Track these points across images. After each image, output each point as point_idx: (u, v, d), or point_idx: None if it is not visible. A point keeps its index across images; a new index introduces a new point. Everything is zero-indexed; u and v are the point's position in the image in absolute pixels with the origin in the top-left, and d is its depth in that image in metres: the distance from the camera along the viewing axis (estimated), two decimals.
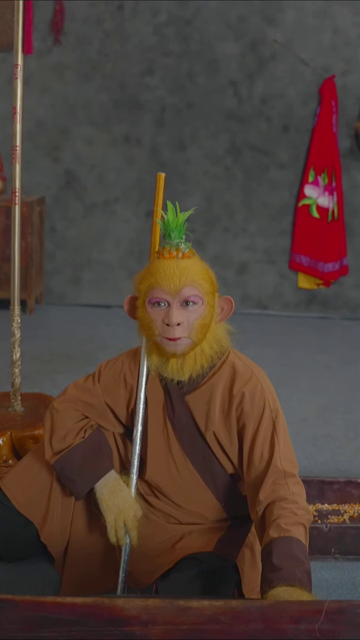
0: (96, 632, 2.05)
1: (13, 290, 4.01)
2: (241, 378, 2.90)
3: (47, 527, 3.12)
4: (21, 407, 4.05)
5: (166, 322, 2.75)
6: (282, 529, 2.63)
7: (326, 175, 7.55)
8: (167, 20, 7.47)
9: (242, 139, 7.68)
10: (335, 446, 4.76)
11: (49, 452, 3.03)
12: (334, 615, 2.10)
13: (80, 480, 2.97)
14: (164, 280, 2.74)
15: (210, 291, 2.81)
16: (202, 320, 2.79)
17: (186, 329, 2.76)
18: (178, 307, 2.75)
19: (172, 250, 2.78)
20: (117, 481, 2.97)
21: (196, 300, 2.76)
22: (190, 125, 7.67)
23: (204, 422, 2.93)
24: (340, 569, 3.48)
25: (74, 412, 3.05)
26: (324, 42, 7.49)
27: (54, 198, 7.82)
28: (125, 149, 7.73)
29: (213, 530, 3.04)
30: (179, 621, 2.08)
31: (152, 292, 2.77)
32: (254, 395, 2.88)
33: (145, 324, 2.82)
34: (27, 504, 3.14)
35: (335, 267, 7.75)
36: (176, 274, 2.74)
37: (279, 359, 6.37)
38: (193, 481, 3.01)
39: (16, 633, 2.06)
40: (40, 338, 6.59)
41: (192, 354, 2.83)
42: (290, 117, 7.63)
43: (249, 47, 7.51)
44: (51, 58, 7.57)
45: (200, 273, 2.79)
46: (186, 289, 2.74)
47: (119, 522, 2.88)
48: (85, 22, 7.49)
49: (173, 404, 2.96)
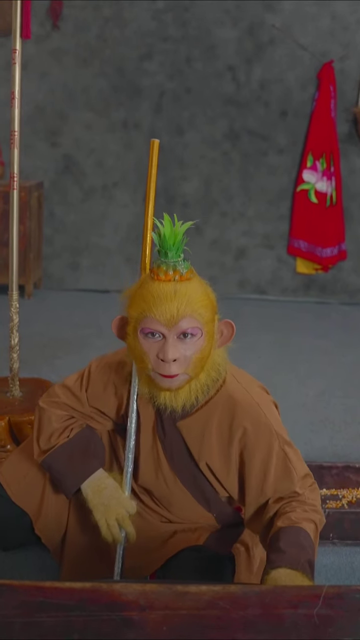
0: (94, 616, 2.05)
1: (11, 275, 4.00)
2: (241, 409, 2.67)
3: (42, 519, 3.06)
4: (19, 392, 4.05)
5: (161, 358, 2.47)
6: (291, 520, 2.56)
7: (324, 160, 7.54)
8: (165, 5, 7.44)
9: (240, 124, 7.66)
10: (334, 431, 4.75)
11: (36, 450, 2.94)
12: (332, 600, 2.10)
13: (67, 480, 2.88)
14: (159, 310, 2.44)
15: (210, 319, 2.53)
16: (200, 355, 2.52)
17: (183, 365, 2.50)
18: (174, 341, 2.47)
19: (169, 271, 2.47)
20: (102, 480, 2.83)
21: (195, 332, 2.48)
22: (188, 110, 7.64)
23: (197, 451, 2.76)
24: (339, 554, 3.48)
25: (59, 412, 2.92)
26: (322, 27, 7.45)
27: (52, 183, 7.81)
28: (124, 134, 7.71)
29: (205, 528, 2.97)
30: (177, 606, 2.08)
31: (144, 321, 2.48)
32: (257, 428, 2.67)
33: (136, 355, 2.56)
34: (21, 495, 3.08)
35: (334, 252, 7.75)
36: (173, 303, 2.43)
37: (278, 344, 6.36)
38: (183, 497, 2.91)
39: (15, 618, 2.06)
40: (39, 323, 6.58)
41: (187, 387, 2.57)
42: (288, 102, 7.61)
43: (247, 32, 7.48)
44: (50, 43, 7.54)
45: (200, 300, 2.49)
46: (184, 320, 2.45)
47: (110, 520, 2.74)
48: (83, 7, 7.46)
49: (164, 427, 2.79)
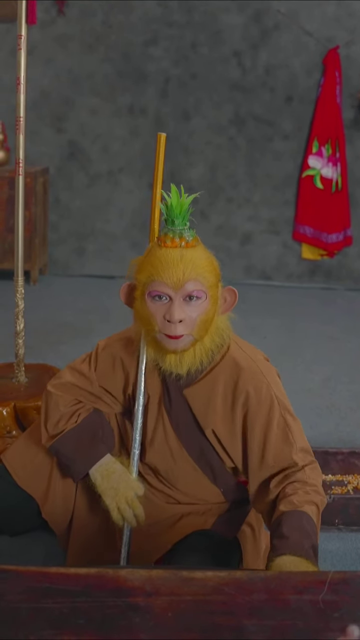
0: (100, 602, 2.05)
1: (17, 260, 4.00)
2: (244, 374, 2.77)
3: (49, 504, 3.09)
4: (25, 378, 4.05)
5: (167, 319, 2.59)
6: (293, 504, 2.59)
7: (330, 146, 7.52)
8: None
9: (246, 110, 7.65)
10: (339, 417, 4.76)
11: (44, 435, 2.97)
12: (338, 586, 2.09)
13: (75, 465, 2.91)
14: (166, 273, 2.57)
15: (214, 283, 2.65)
16: (205, 316, 2.63)
17: (188, 326, 2.61)
18: (180, 303, 2.59)
19: (175, 238, 2.59)
20: (111, 464, 2.88)
21: (200, 294, 2.60)
22: (194, 96, 7.63)
23: (203, 418, 2.82)
24: (344, 539, 3.48)
25: (67, 397, 2.97)
26: (328, 12, 7.43)
27: (57, 168, 7.80)
28: (130, 120, 7.70)
29: (212, 511, 3.00)
30: (182, 592, 2.08)
31: (152, 284, 2.60)
32: (260, 393, 2.75)
33: (143, 318, 2.67)
34: (28, 479, 3.10)
35: (339, 238, 7.74)
36: (179, 266, 2.56)
37: (283, 330, 6.36)
38: (190, 470, 2.95)
39: (20, 603, 2.06)
40: (44, 309, 6.59)
41: (191, 350, 2.68)
42: (294, 87, 7.60)
43: (252, 17, 7.45)
44: (55, 29, 7.52)
45: (205, 265, 2.61)
46: (190, 283, 2.57)
47: (121, 504, 2.79)
48: None
49: (170, 396, 2.86)
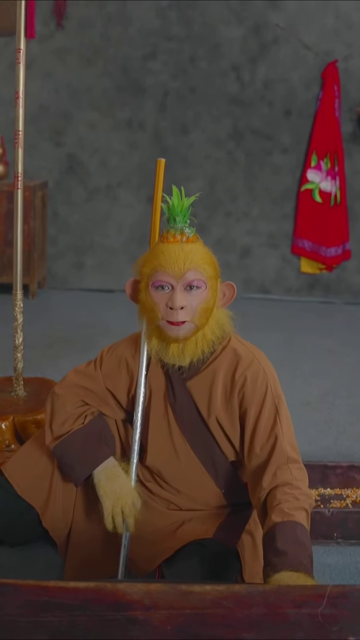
0: (99, 616, 2.06)
1: (15, 274, 4.00)
2: (243, 362, 2.89)
3: (49, 513, 3.12)
4: (23, 392, 4.05)
5: (170, 306, 2.73)
6: (285, 513, 2.63)
7: (329, 159, 7.54)
8: (169, 3, 7.44)
9: (245, 123, 7.67)
10: (338, 431, 4.76)
11: (49, 436, 3.03)
12: (337, 600, 2.10)
13: (79, 466, 2.97)
14: (168, 264, 2.74)
15: (213, 275, 2.80)
16: (205, 305, 2.77)
17: (189, 313, 2.75)
18: (182, 291, 2.74)
19: (177, 234, 2.77)
20: (116, 468, 2.96)
21: (200, 284, 2.76)
22: (192, 110, 7.65)
23: (206, 407, 2.92)
24: (343, 553, 3.48)
25: (74, 398, 3.04)
26: (327, 26, 7.46)
27: (56, 182, 7.81)
28: (128, 134, 7.72)
29: (213, 517, 3.03)
30: (181, 605, 2.09)
31: (155, 275, 2.76)
32: (256, 380, 2.87)
33: (148, 307, 2.81)
34: (28, 489, 3.15)
35: (338, 252, 7.76)
36: (180, 257, 2.73)
37: (282, 344, 6.37)
38: (193, 467, 3.01)
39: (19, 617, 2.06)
40: (43, 322, 6.59)
41: (193, 339, 2.81)
42: (292, 101, 7.62)
43: (251, 31, 7.48)
44: (54, 42, 7.55)
45: (204, 257, 2.78)
46: (190, 272, 2.73)
47: (117, 508, 2.87)
48: (87, 5, 7.46)
49: (174, 390, 2.95)
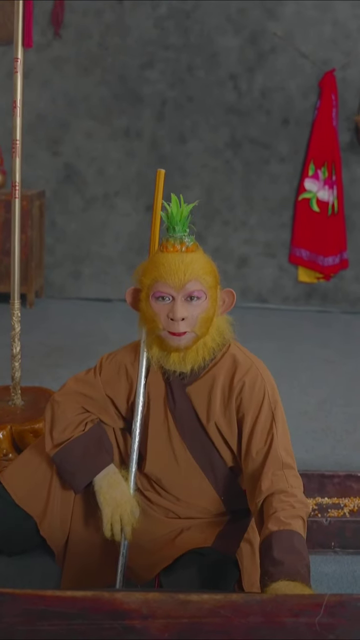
0: (96, 625, 2.06)
1: (13, 283, 4.02)
2: (241, 368, 2.91)
3: (47, 521, 3.13)
4: (21, 401, 4.06)
5: (171, 317, 2.75)
6: (281, 522, 2.63)
7: (326, 169, 7.56)
8: (167, 13, 7.47)
9: (242, 132, 7.68)
10: (335, 440, 4.76)
11: (49, 444, 3.03)
12: (334, 609, 2.10)
13: (80, 473, 2.97)
14: (169, 275, 2.74)
15: (213, 285, 2.82)
16: (205, 315, 2.79)
17: (190, 324, 2.77)
18: (182, 302, 2.75)
19: (176, 244, 2.77)
20: (116, 475, 2.97)
21: (200, 294, 2.77)
22: (190, 119, 7.67)
23: (205, 413, 2.93)
24: (340, 562, 3.49)
25: (75, 405, 3.05)
26: (324, 35, 7.48)
27: (54, 192, 7.83)
28: (126, 143, 7.73)
29: (212, 525, 3.04)
30: (179, 614, 2.09)
31: (156, 286, 2.76)
32: (253, 385, 2.88)
33: (148, 318, 2.82)
34: (26, 498, 3.15)
35: (335, 261, 7.76)
36: (181, 268, 2.73)
37: (279, 353, 6.37)
38: (193, 473, 3.02)
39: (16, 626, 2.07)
40: (41, 332, 6.60)
41: (194, 347, 2.83)
42: (290, 110, 7.63)
43: (248, 40, 7.50)
44: (51, 51, 7.56)
45: (204, 267, 2.78)
46: (190, 283, 2.74)
47: (115, 516, 2.88)
48: (85, 14, 7.48)
49: (174, 396, 2.96)
